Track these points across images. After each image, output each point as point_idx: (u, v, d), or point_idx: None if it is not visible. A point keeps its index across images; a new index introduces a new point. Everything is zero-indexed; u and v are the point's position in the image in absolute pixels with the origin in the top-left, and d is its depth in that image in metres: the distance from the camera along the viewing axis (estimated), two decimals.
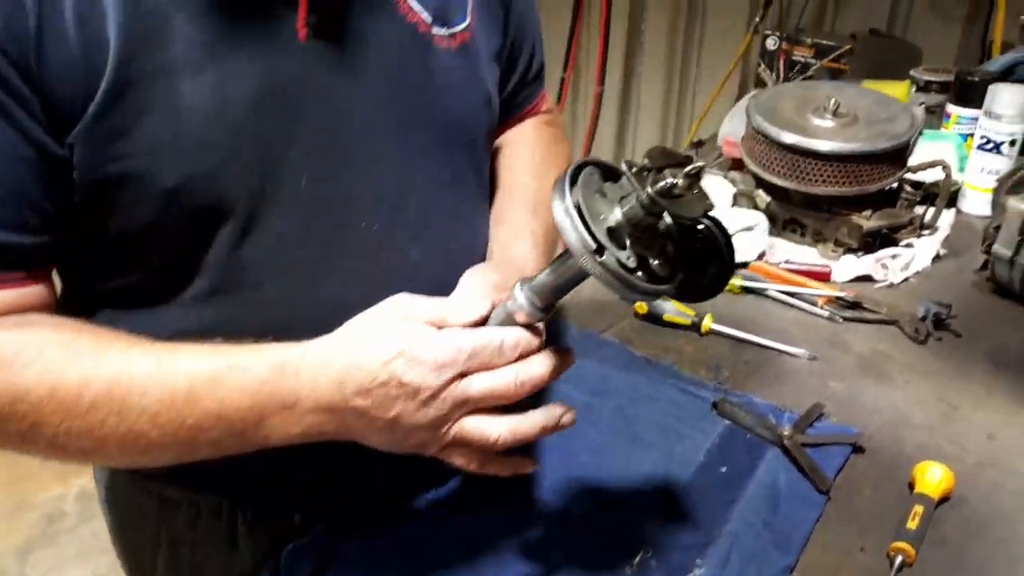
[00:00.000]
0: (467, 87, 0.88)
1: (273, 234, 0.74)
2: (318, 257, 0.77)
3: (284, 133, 0.73)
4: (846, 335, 1.26)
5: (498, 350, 0.68)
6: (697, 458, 1.00)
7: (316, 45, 0.73)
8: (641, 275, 0.64)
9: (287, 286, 0.76)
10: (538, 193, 0.98)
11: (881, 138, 1.37)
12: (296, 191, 0.74)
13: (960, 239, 1.52)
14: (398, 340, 0.66)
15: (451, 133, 0.87)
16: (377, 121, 0.79)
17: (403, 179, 0.82)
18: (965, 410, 1.10)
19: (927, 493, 0.92)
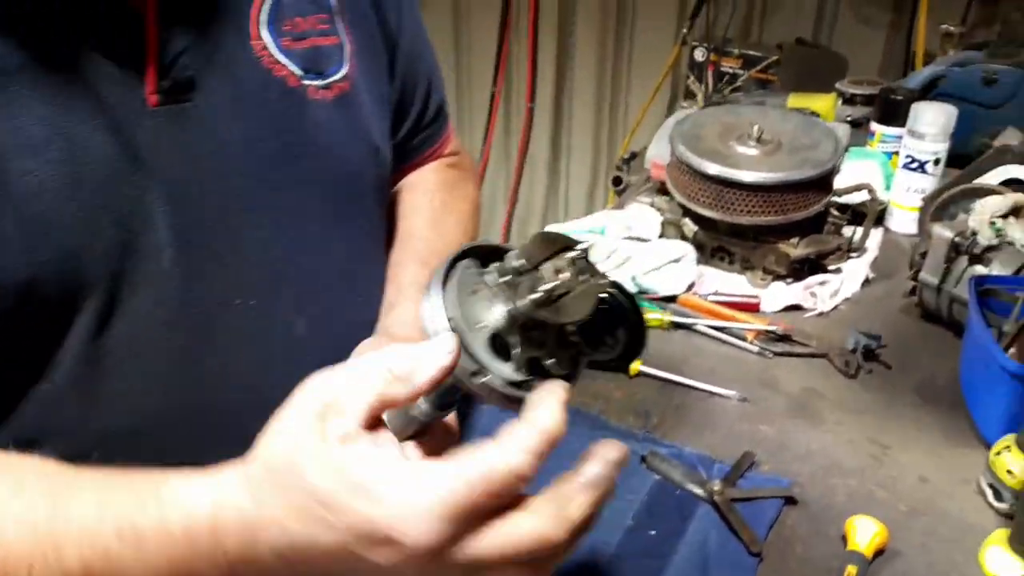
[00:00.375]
0: (349, 140, 0.82)
1: (137, 318, 0.68)
2: (189, 341, 0.71)
3: (143, 206, 0.67)
4: (776, 371, 1.23)
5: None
6: (625, 522, 0.96)
7: (170, 111, 0.67)
8: (534, 379, 0.55)
9: (155, 375, 0.70)
10: (433, 243, 0.93)
11: (806, 165, 1.35)
12: (160, 269, 0.68)
13: (888, 259, 1.51)
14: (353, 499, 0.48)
15: (336, 191, 0.81)
16: (248, 186, 0.73)
17: (284, 246, 0.76)
18: (896, 451, 1.07)
19: (860, 550, 0.89)
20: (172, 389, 0.71)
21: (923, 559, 0.92)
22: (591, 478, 0.50)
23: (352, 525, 0.46)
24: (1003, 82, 1.75)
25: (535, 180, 3.37)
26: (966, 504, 0.99)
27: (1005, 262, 1.21)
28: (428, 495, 0.46)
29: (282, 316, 0.76)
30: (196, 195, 0.69)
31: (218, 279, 0.71)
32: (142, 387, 0.70)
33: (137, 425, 0.70)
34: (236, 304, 0.73)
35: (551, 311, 0.52)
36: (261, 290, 0.74)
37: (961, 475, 1.03)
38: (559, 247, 0.55)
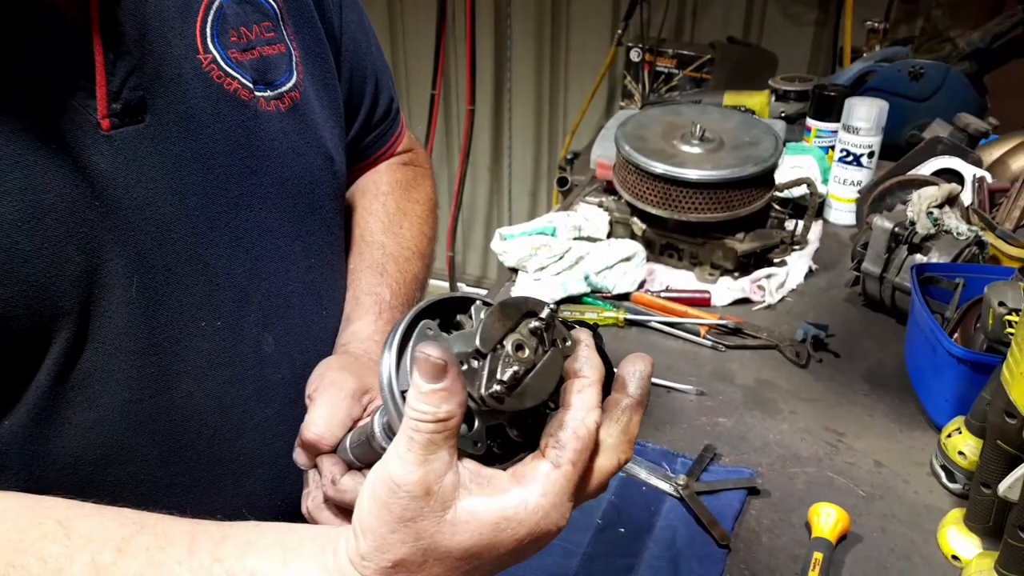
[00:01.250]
0: (304, 150, 0.80)
1: (106, 348, 0.66)
2: (158, 367, 0.69)
3: (106, 233, 0.65)
4: (730, 364, 1.25)
5: None
6: (594, 521, 0.96)
7: (123, 134, 0.65)
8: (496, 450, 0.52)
9: (124, 404, 0.68)
10: (389, 248, 0.93)
11: (748, 163, 1.38)
12: (127, 296, 0.66)
13: (829, 251, 1.55)
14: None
15: (295, 204, 0.80)
16: (207, 205, 0.71)
17: (247, 264, 0.75)
18: (850, 438, 1.10)
19: (824, 536, 0.92)
20: (142, 416, 0.69)
21: (884, 542, 0.95)
22: (639, 397, 0.53)
23: (507, 551, 0.48)
24: (929, 76, 1.81)
25: (477, 182, 3.37)
26: (920, 486, 1.02)
27: (943, 250, 1.25)
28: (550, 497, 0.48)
29: (249, 334, 0.75)
30: (156, 218, 0.67)
31: (184, 302, 0.70)
32: (111, 416, 0.68)
33: (106, 455, 0.68)
34: (203, 326, 0.71)
35: (513, 398, 0.49)
36: (227, 310, 0.73)
37: (914, 458, 1.07)
38: (520, 315, 0.50)
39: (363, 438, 0.65)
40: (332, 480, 0.65)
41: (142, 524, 0.53)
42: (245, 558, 0.50)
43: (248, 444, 0.75)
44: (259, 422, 0.76)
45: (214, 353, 0.72)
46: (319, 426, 0.68)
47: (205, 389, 0.71)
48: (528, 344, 0.50)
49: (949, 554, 0.92)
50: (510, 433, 0.52)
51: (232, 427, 0.74)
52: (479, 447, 0.50)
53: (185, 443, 0.71)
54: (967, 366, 1.03)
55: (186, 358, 0.70)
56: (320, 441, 0.68)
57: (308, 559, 0.50)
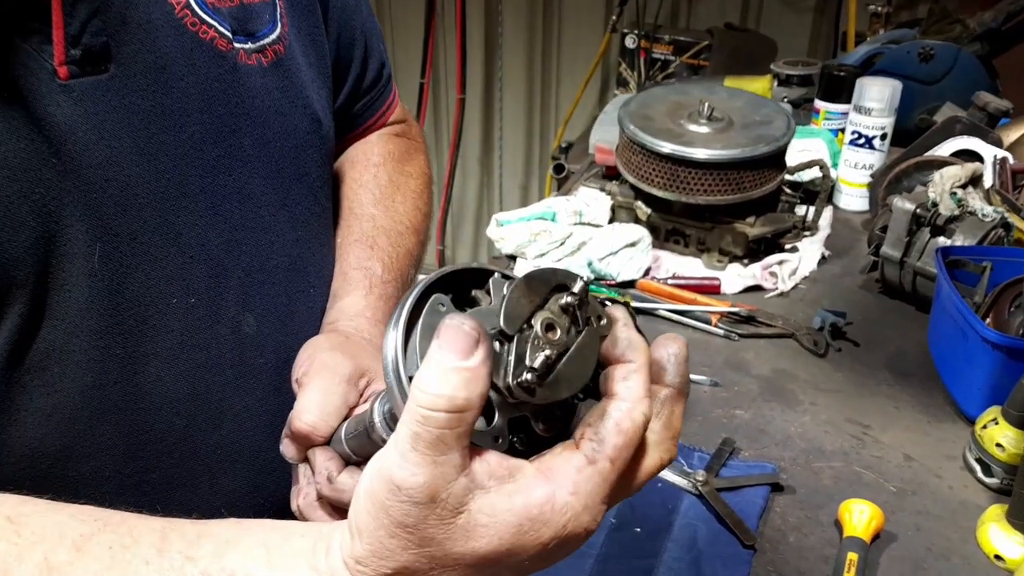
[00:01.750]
0: (289, 110, 0.72)
1: (65, 325, 0.58)
2: (124, 348, 0.61)
3: (65, 194, 0.57)
4: (744, 354, 1.18)
5: None
6: (608, 520, 0.89)
7: (84, 84, 0.57)
8: (519, 445, 0.44)
9: (87, 389, 0.60)
10: (380, 221, 0.84)
11: (760, 142, 1.31)
12: (88, 267, 0.58)
13: (841, 238, 1.48)
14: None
15: (279, 169, 0.71)
16: (180, 167, 0.63)
17: (225, 235, 0.67)
18: (876, 431, 1.04)
19: (857, 535, 0.85)
20: (106, 404, 0.61)
21: (920, 541, 0.88)
22: (679, 385, 0.45)
23: (530, 556, 0.41)
24: (939, 57, 1.75)
25: (468, 175, 3.29)
26: (955, 481, 0.96)
27: (968, 232, 1.19)
28: (582, 497, 0.40)
29: (227, 314, 0.67)
30: (121, 180, 0.59)
31: (153, 276, 0.62)
32: (72, 403, 0.59)
33: (67, 446, 0.60)
34: (174, 303, 0.63)
35: (545, 388, 0.41)
36: (202, 286, 0.65)
37: (945, 452, 1.00)
38: (549, 290, 0.43)
39: (360, 428, 0.58)
40: (328, 477, 0.57)
41: (105, 521, 0.45)
42: (224, 558, 0.42)
43: (226, 436, 0.67)
44: (239, 411, 0.68)
45: (187, 334, 0.64)
46: (311, 414, 0.61)
47: (177, 374, 0.63)
48: (559, 324, 0.42)
49: (992, 554, 0.85)
50: (536, 428, 0.44)
51: (208, 417, 0.66)
52: (500, 443, 0.42)
53: (155, 435, 0.63)
54: (1002, 352, 0.96)
55: (156, 339, 0.62)
56: (313, 431, 0.60)
57: (296, 559, 0.42)
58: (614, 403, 0.42)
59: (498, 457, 0.41)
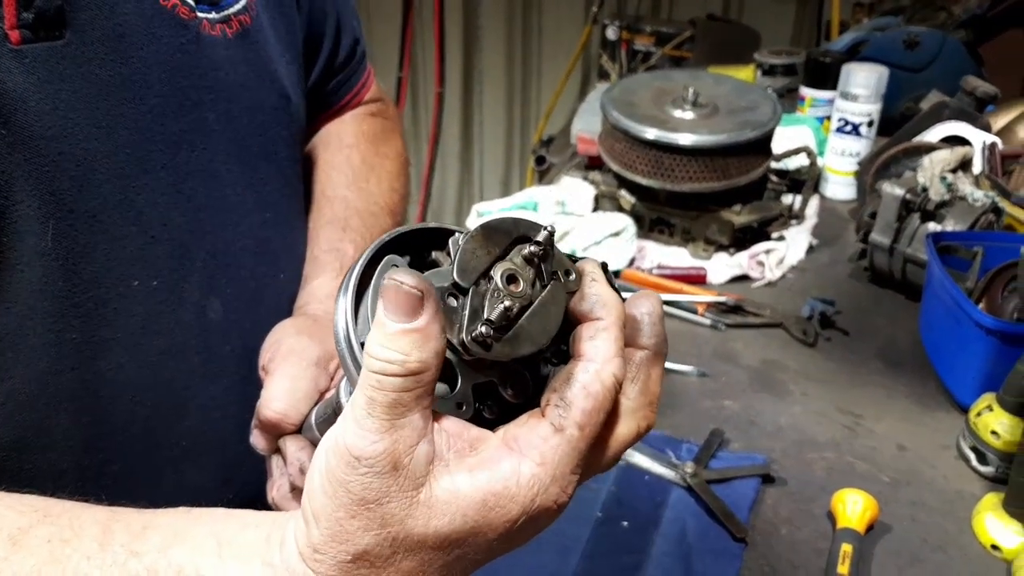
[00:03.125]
0: (255, 84, 0.68)
1: (17, 309, 0.54)
2: (81, 334, 0.57)
3: (17, 169, 0.53)
4: (733, 344, 1.15)
5: None
6: (593, 514, 0.86)
7: (37, 50, 0.53)
8: (488, 413, 0.41)
9: (42, 377, 0.56)
10: (353, 203, 0.80)
11: (746, 128, 1.29)
12: (41, 246, 0.54)
13: (828, 226, 1.46)
14: None
15: (245, 146, 0.68)
16: (140, 141, 0.59)
17: (189, 215, 0.63)
18: (868, 420, 1.01)
19: (852, 527, 0.82)
20: (63, 391, 0.57)
21: (915, 532, 0.85)
22: (655, 346, 0.41)
23: (497, 535, 0.37)
24: (925, 44, 1.73)
25: (447, 169, 3.25)
26: (949, 471, 0.93)
27: (958, 217, 1.16)
28: (549, 468, 0.37)
29: (191, 298, 0.63)
30: (77, 154, 0.55)
31: (112, 257, 0.58)
32: (26, 391, 0.55)
33: (21, 437, 0.56)
34: (135, 286, 0.59)
35: (503, 344, 0.38)
36: (165, 268, 0.61)
37: (939, 440, 0.97)
38: (510, 241, 0.39)
39: (329, 411, 0.54)
40: (300, 468, 0.54)
41: (45, 512, 0.42)
42: (170, 551, 0.39)
43: (192, 427, 0.63)
44: (204, 401, 0.64)
45: (149, 319, 0.60)
46: (280, 402, 0.57)
47: (139, 361, 0.59)
48: (523, 275, 0.39)
49: (988, 544, 0.83)
50: (504, 394, 0.41)
51: (172, 407, 0.62)
52: (464, 410, 0.39)
53: (116, 425, 0.59)
54: (996, 337, 0.94)
55: (116, 323, 0.58)
56: (282, 420, 0.56)
57: (248, 553, 0.38)
58: (581, 364, 0.38)
59: (459, 426, 0.37)
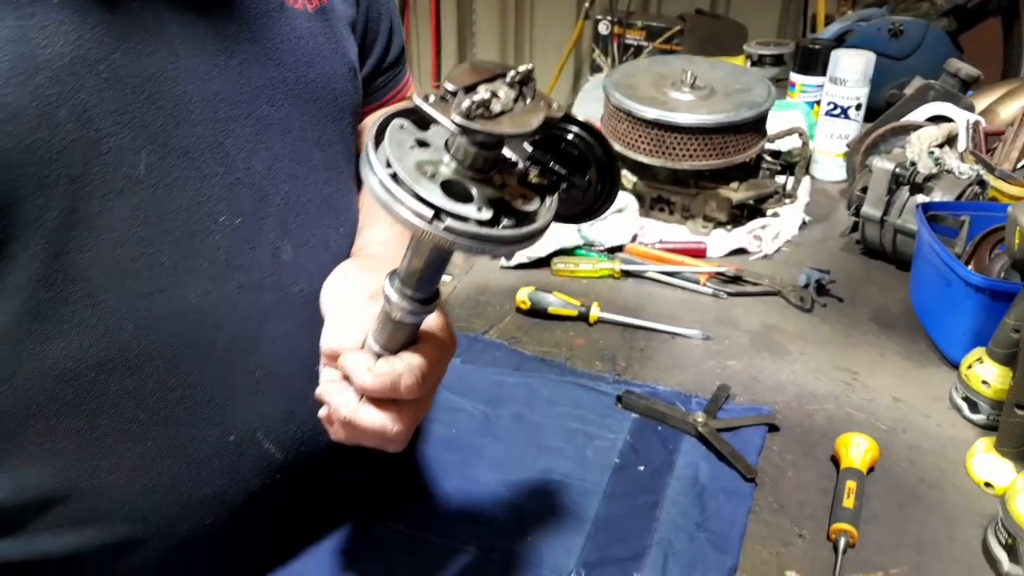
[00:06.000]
0: (330, 55, 0.75)
1: (110, 234, 0.58)
2: (170, 261, 0.62)
3: (111, 104, 0.57)
4: (733, 311, 1.21)
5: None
6: (611, 460, 0.91)
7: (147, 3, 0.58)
8: (506, 221, 0.51)
9: (134, 298, 0.60)
10: None
11: (743, 108, 1.34)
12: (134, 175, 0.59)
13: (820, 205, 1.52)
14: None
15: (318, 109, 0.73)
16: (229, 89, 0.64)
17: (268, 164, 0.68)
18: (864, 376, 1.07)
19: (855, 467, 0.87)
20: (152, 315, 0.61)
21: (913, 473, 0.91)
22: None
23: None
24: (909, 33, 1.80)
25: None
26: (942, 420, 0.99)
27: (946, 189, 1.23)
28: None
29: (268, 239, 0.68)
30: (173, 94, 0.60)
31: (202, 191, 0.63)
32: (117, 313, 0.60)
33: (111, 358, 0.60)
34: (221, 221, 0.64)
35: (488, 121, 0.47)
36: (247, 208, 0.66)
37: (931, 394, 1.03)
38: (494, 72, 0.49)
39: (382, 318, 0.59)
40: (368, 368, 0.58)
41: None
42: None
43: (265, 360, 0.68)
44: (275, 337, 0.68)
45: (231, 254, 0.65)
46: (338, 333, 0.62)
47: (221, 292, 0.64)
48: (507, 89, 0.48)
49: (982, 482, 0.89)
50: (515, 205, 0.51)
51: (249, 338, 0.67)
52: (483, 212, 0.49)
53: (199, 349, 0.64)
54: (985, 295, 1.00)
55: (203, 253, 0.63)
56: (342, 349, 0.61)
57: None
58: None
59: None
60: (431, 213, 0.48)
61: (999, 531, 0.79)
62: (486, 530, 0.82)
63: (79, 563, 0.67)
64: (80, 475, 0.63)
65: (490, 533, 0.82)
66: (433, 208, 0.48)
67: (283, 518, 0.74)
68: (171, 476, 0.65)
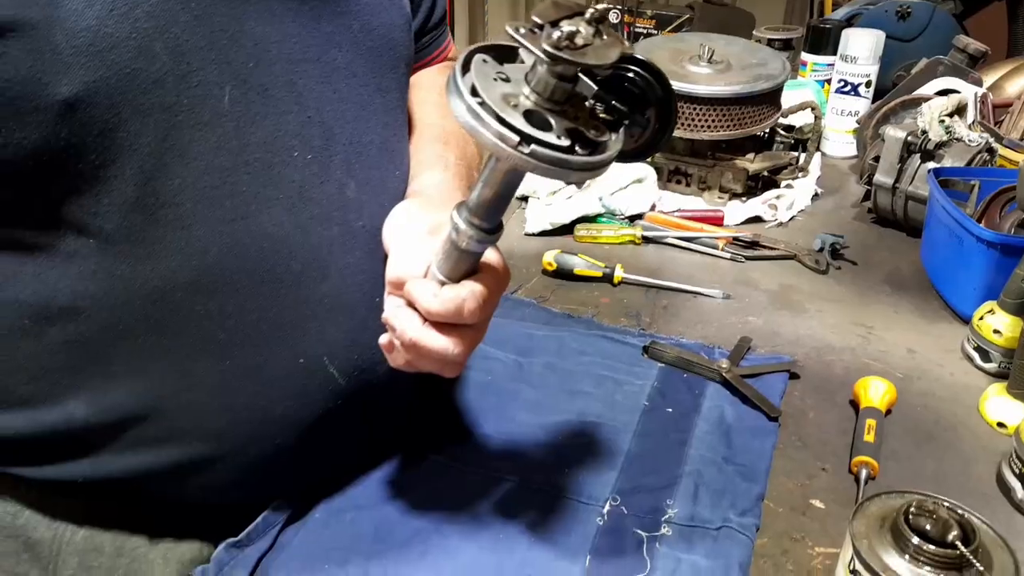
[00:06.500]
0: (389, 5, 0.79)
1: (198, 163, 0.63)
2: (250, 188, 0.66)
3: (200, 40, 0.62)
4: (751, 273, 1.25)
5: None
6: (640, 403, 0.95)
7: None
8: (579, 150, 0.56)
9: (217, 225, 0.65)
10: (447, 129, 0.90)
11: (759, 80, 1.39)
12: (219, 107, 0.63)
13: (831, 179, 1.56)
14: None
15: (379, 57, 0.78)
16: (300, 33, 0.69)
17: (335, 106, 0.73)
18: (879, 330, 1.11)
19: (874, 406, 0.92)
20: (234, 240, 0.66)
21: (928, 416, 0.95)
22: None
23: None
24: (916, 15, 1.84)
25: None
26: (955, 369, 1.03)
27: (956, 156, 1.27)
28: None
29: (335, 175, 0.72)
30: (253, 34, 0.65)
31: (278, 126, 0.67)
32: (203, 238, 0.64)
33: (196, 280, 0.64)
34: (295, 156, 0.68)
35: (575, 52, 0.51)
36: (317, 146, 0.70)
37: (944, 346, 1.08)
38: (574, 10, 0.53)
39: (447, 246, 0.63)
40: (434, 293, 0.62)
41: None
42: None
43: (332, 288, 0.72)
44: (342, 267, 0.73)
45: (303, 187, 0.69)
46: (402, 264, 0.67)
47: (295, 222, 0.68)
48: (585, 28, 0.52)
49: (994, 423, 0.93)
50: (588, 135, 0.56)
51: (318, 267, 0.71)
52: (561, 141, 0.54)
53: (275, 276, 0.68)
54: (997, 250, 1.04)
55: (278, 185, 0.67)
56: (407, 277, 0.65)
57: None
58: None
59: None
60: (517, 138, 0.53)
61: (1013, 462, 0.83)
62: (525, 463, 0.86)
63: (153, 482, 0.72)
64: (162, 394, 0.67)
65: (529, 466, 0.86)
66: (519, 133, 0.53)
67: (343, 444, 0.78)
68: (246, 396, 0.69)
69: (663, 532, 0.78)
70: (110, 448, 0.69)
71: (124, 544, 0.75)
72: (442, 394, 0.95)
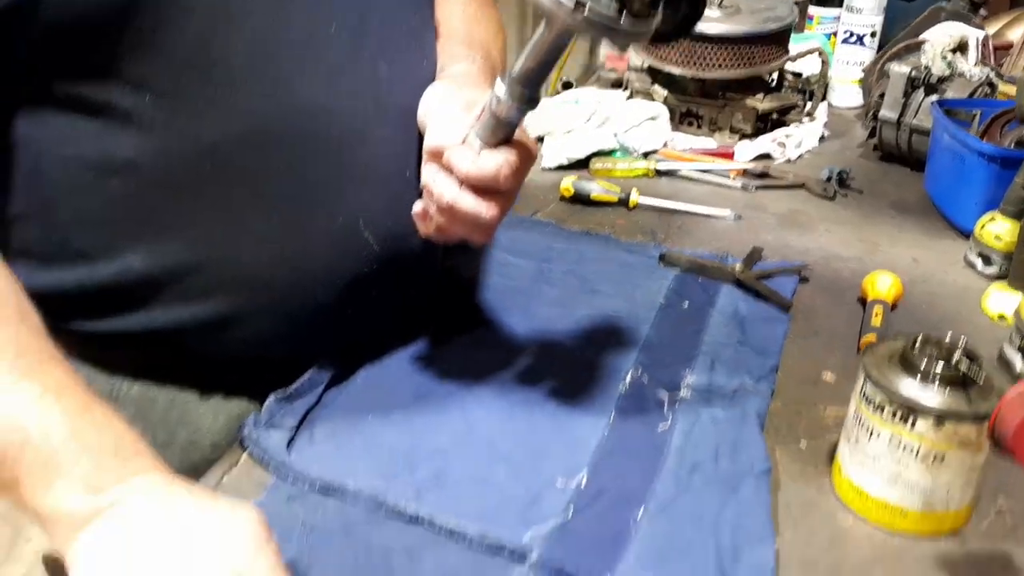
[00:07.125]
0: None
1: (248, 25, 0.68)
2: (293, 56, 0.71)
3: None
4: (762, 200, 1.30)
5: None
6: (657, 300, 1.00)
7: None
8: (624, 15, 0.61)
9: (264, 87, 0.70)
10: (472, 35, 0.95)
11: (768, 22, 1.44)
12: None
13: (837, 125, 1.61)
14: None
15: None
16: None
17: None
18: (885, 245, 1.16)
19: (881, 298, 0.96)
20: (278, 105, 0.70)
21: (933, 312, 1.00)
22: None
23: None
24: None
25: None
26: (958, 275, 1.08)
27: (958, 89, 1.32)
28: None
29: (367, 55, 0.77)
30: None
31: (315, 7, 0.72)
32: (250, 100, 0.69)
33: (245, 138, 0.69)
34: (331, 32, 0.73)
35: None
36: (351, 24, 0.75)
37: (947, 259, 1.13)
38: None
39: (485, 117, 0.68)
40: (472, 159, 0.67)
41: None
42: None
43: (368, 156, 0.77)
44: (377, 138, 0.77)
45: (339, 63, 0.74)
46: (440, 133, 0.71)
47: (332, 93, 0.73)
48: None
49: (996, 315, 0.98)
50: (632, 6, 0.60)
51: (356, 135, 0.76)
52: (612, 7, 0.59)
53: (317, 139, 0.73)
54: (997, 164, 1.09)
55: (317, 60, 0.72)
56: (446, 145, 0.70)
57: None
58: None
59: None
60: (572, 4, 0.59)
61: (1013, 338, 0.88)
62: (550, 345, 0.91)
63: (200, 334, 0.76)
64: (213, 245, 0.73)
65: (553, 346, 0.91)
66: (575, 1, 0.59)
67: (378, 308, 0.83)
68: (291, 249, 0.74)
69: (683, 395, 0.83)
70: (162, 299, 0.74)
71: (176, 397, 0.80)
72: (466, 283, 1.00)
